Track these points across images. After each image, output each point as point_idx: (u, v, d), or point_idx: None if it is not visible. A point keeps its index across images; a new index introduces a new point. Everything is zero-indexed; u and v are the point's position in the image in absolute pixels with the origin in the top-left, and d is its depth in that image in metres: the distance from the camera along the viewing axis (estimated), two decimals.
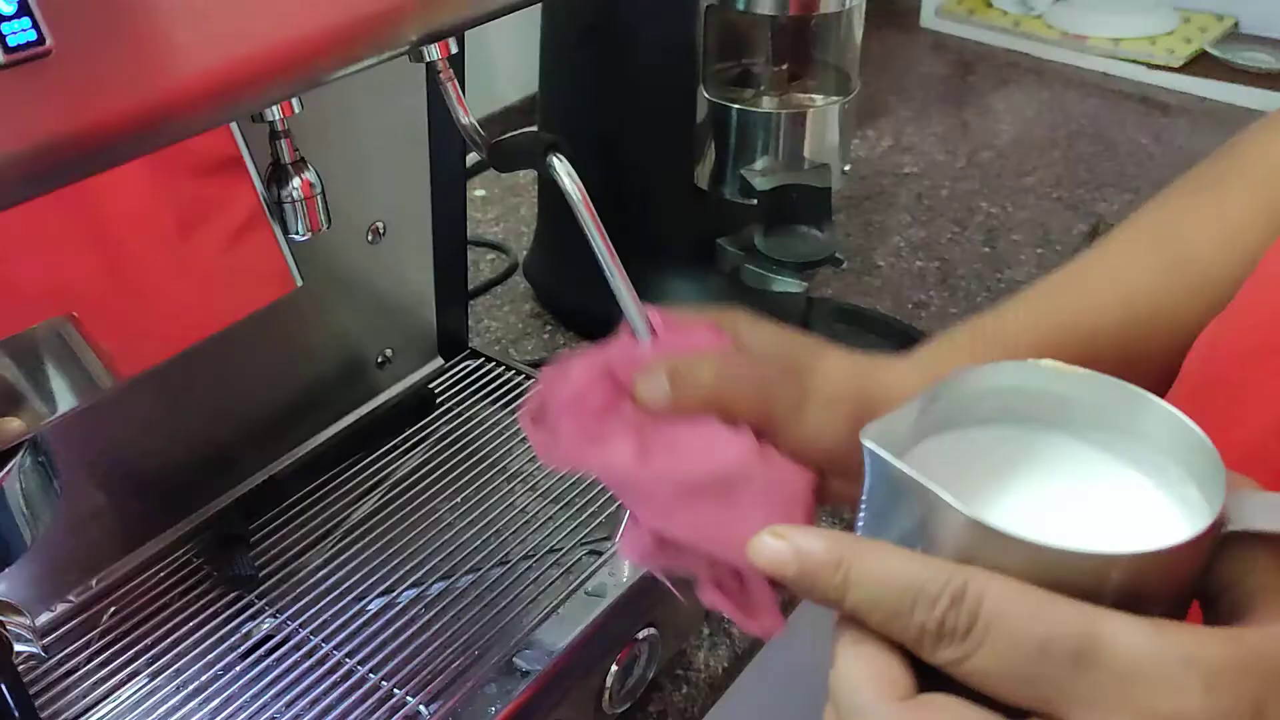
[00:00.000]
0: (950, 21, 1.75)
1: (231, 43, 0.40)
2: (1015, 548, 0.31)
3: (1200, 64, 1.57)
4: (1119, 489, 0.36)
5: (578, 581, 0.63)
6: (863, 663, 0.32)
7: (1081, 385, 0.37)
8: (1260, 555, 0.32)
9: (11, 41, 0.34)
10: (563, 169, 0.59)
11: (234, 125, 0.51)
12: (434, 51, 0.56)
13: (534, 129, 0.62)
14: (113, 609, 0.62)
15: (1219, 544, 0.32)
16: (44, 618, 0.60)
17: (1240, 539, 0.32)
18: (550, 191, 1.05)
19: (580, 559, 0.65)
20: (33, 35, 0.34)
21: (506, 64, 1.34)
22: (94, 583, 0.62)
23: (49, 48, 0.35)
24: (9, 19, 0.34)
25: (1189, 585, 0.33)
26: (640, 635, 0.66)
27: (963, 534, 0.32)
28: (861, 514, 0.36)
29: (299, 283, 0.52)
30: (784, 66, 0.94)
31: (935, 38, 1.75)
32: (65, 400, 0.46)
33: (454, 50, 0.56)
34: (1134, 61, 1.58)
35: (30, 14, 0.34)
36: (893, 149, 1.41)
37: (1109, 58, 1.60)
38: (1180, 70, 1.55)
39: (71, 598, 0.62)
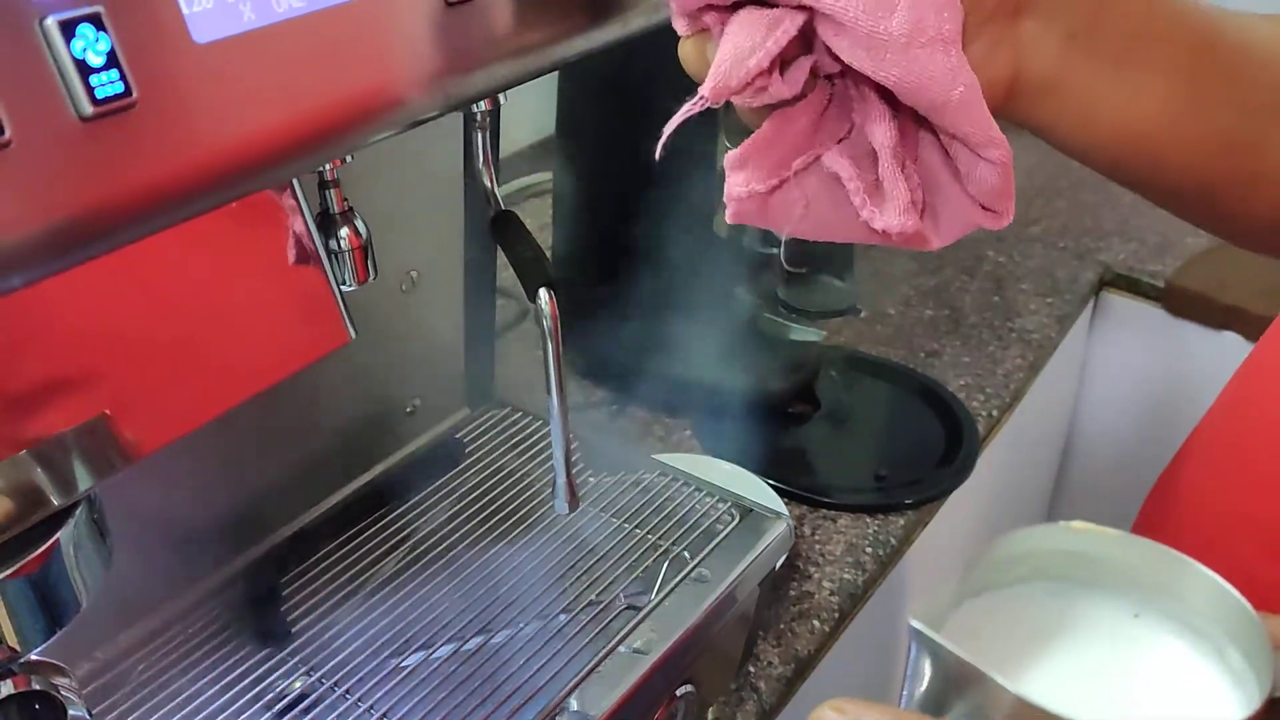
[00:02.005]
0: None
1: (306, 95, 0.39)
2: None
3: None
4: (1160, 653, 0.37)
5: (618, 637, 0.62)
6: None
7: (1116, 547, 0.38)
8: None
9: (100, 94, 0.33)
10: (545, 307, 0.57)
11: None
12: (480, 104, 0.55)
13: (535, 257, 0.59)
14: (141, 666, 0.60)
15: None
16: None
17: None
18: (564, 233, 1.04)
19: (619, 614, 0.64)
20: (120, 88, 0.34)
21: (518, 108, 1.34)
22: (122, 639, 0.61)
23: (135, 99, 0.34)
24: (98, 70, 0.33)
25: None
26: (679, 693, 0.65)
27: (1014, 713, 0.32)
28: (906, 690, 0.36)
29: (352, 335, 0.51)
30: None
31: None
32: (84, 481, 0.45)
33: (503, 101, 0.56)
34: None
35: (119, 66, 0.34)
36: None
37: None
38: None
39: (99, 654, 0.60)
